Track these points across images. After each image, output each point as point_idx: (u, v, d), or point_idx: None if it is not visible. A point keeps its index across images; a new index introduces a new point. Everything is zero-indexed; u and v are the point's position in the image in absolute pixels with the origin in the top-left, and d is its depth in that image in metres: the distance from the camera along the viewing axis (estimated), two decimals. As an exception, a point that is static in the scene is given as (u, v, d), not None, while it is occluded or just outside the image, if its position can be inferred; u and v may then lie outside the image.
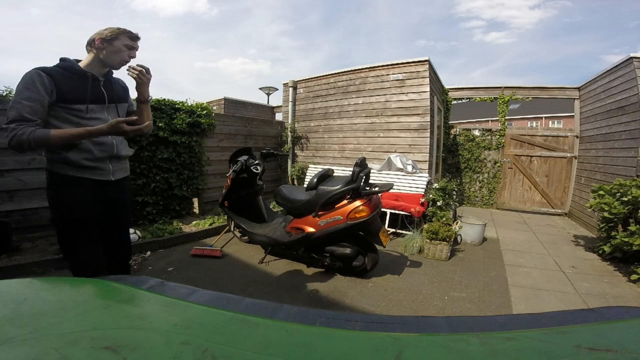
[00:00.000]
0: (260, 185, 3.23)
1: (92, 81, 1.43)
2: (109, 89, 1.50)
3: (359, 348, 0.42)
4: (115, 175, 1.50)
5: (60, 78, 1.35)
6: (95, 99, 1.43)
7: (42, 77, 1.30)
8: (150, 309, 0.56)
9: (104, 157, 1.44)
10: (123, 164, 1.56)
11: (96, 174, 1.44)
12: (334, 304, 2.28)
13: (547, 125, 21.39)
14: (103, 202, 1.48)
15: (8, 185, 3.02)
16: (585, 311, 0.56)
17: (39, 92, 1.29)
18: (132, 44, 1.46)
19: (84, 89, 1.40)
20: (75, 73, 1.40)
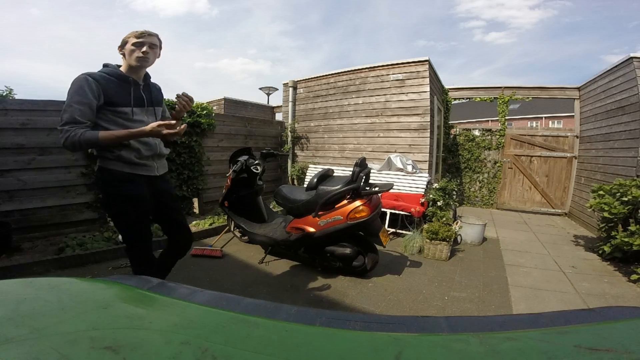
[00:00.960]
0: (260, 185, 3.23)
1: (133, 85, 1.57)
2: (148, 93, 1.65)
3: (359, 348, 0.42)
4: (159, 170, 1.70)
5: (105, 83, 1.49)
6: (137, 102, 1.58)
7: (89, 82, 1.44)
8: (150, 309, 0.56)
9: (150, 155, 1.61)
10: (163, 161, 1.76)
11: (145, 170, 1.62)
12: (334, 304, 2.28)
13: (547, 125, 21.39)
14: (152, 194, 1.66)
15: (8, 185, 3.02)
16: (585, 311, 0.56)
17: (88, 96, 1.42)
18: (140, 41, 1.54)
19: (128, 93, 1.54)
20: (118, 78, 1.54)
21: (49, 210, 3.27)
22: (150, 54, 1.57)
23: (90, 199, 3.51)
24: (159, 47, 1.62)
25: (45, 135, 3.20)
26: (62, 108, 1.42)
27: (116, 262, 2.89)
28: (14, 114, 3.04)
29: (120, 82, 1.53)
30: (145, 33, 1.55)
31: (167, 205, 1.78)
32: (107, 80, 1.49)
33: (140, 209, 1.61)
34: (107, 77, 1.50)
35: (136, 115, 1.57)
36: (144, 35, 1.54)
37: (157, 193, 1.70)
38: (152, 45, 1.57)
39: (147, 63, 1.58)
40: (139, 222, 1.63)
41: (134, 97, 1.56)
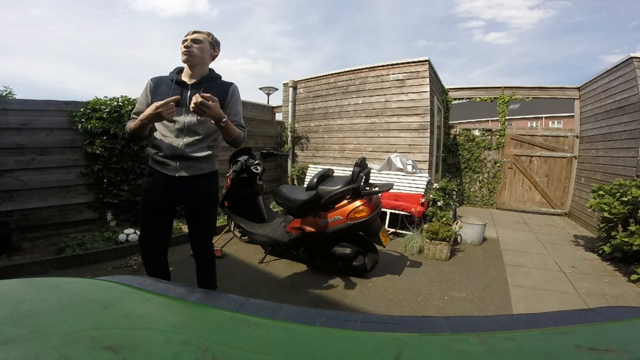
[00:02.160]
0: (260, 185, 3.22)
1: (175, 85, 1.64)
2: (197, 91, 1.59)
3: (359, 348, 0.42)
4: (181, 172, 1.65)
5: (158, 84, 1.66)
6: (180, 103, 1.58)
7: (147, 84, 1.68)
8: (150, 309, 0.56)
9: (171, 155, 1.63)
10: (192, 164, 1.66)
11: (164, 169, 1.65)
12: (334, 304, 2.28)
13: (547, 125, 21.39)
14: (168, 194, 1.68)
15: (8, 185, 3.02)
16: (585, 311, 0.56)
17: (143, 96, 1.67)
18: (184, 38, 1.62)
19: (168, 93, 1.62)
20: (169, 79, 1.66)
21: (49, 210, 3.27)
22: (194, 49, 1.59)
23: (90, 199, 3.51)
24: (209, 43, 1.65)
25: (45, 135, 3.20)
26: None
27: (116, 262, 2.89)
28: (14, 114, 3.04)
29: (171, 82, 1.65)
30: (190, 32, 1.62)
31: (187, 209, 1.77)
32: (161, 82, 1.66)
33: (148, 202, 1.71)
34: (163, 78, 1.67)
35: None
36: (189, 33, 1.62)
37: (177, 195, 1.69)
38: (196, 40, 1.60)
39: (192, 58, 1.60)
40: (145, 215, 1.74)
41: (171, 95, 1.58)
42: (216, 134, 1.71)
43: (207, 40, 1.64)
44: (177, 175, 1.65)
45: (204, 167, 1.70)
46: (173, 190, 1.67)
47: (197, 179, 1.69)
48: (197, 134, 1.63)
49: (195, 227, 1.81)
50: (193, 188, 1.69)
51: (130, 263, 2.87)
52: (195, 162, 1.67)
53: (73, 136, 3.36)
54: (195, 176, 1.68)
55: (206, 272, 1.91)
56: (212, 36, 1.68)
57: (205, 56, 1.65)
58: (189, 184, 1.67)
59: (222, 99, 1.65)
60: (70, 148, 3.36)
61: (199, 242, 1.85)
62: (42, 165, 3.20)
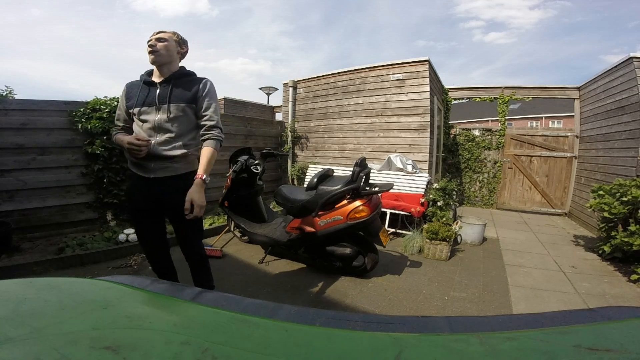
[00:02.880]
0: (260, 185, 3.23)
1: (144, 84, 1.65)
2: (165, 90, 1.61)
3: (359, 348, 0.42)
4: (157, 173, 1.63)
5: (131, 87, 1.68)
6: (148, 102, 1.61)
7: (123, 90, 1.71)
8: (150, 309, 0.56)
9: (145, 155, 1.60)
10: (167, 164, 1.63)
11: (139, 170, 1.66)
12: (334, 304, 2.28)
13: (547, 125, 21.39)
14: (147, 195, 1.67)
15: (8, 185, 3.02)
16: (585, 311, 0.56)
17: (121, 101, 1.71)
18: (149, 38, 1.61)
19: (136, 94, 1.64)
20: (141, 81, 1.67)
21: (49, 210, 3.27)
22: (160, 47, 1.57)
23: (90, 199, 3.51)
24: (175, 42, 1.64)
25: (45, 135, 3.20)
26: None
27: (116, 262, 2.89)
28: (14, 114, 3.04)
29: (142, 84, 1.66)
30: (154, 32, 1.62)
31: (169, 213, 1.74)
32: (133, 85, 1.69)
33: (133, 205, 1.75)
34: (135, 82, 1.70)
35: (143, 114, 1.61)
36: (153, 34, 1.62)
37: (156, 196, 1.65)
38: (160, 39, 1.59)
39: (159, 57, 1.58)
40: (133, 218, 1.82)
41: (140, 96, 1.62)
42: (193, 133, 1.67)
43: (173, 39, 1.62)
44: (152, 177, 1.62)
45: (179, 167, 1.65)
46: (149, 192, 1.65)
47: (173, 180, 1.63)
48: (170, 131, 1.60)
49: (180, 230, 1.77)
50: (171, 190, 1.63)
51: (130, 263, 2.87)
52: (169, 162, 1.62)
53: (73, 136, 3.35)
54: (171, 177, 1.63)
55: (201, 274, 1.90)
56: (178, 35, 1.66)
57: (172, 54, 1.63)
58: (165, 185, 1.63)
59: (193, 94, 1.62)
60: (70, 148, 3.36)
61: (188, 246, 1.83)
62: (42, 165, 3.20)
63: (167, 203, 1.67)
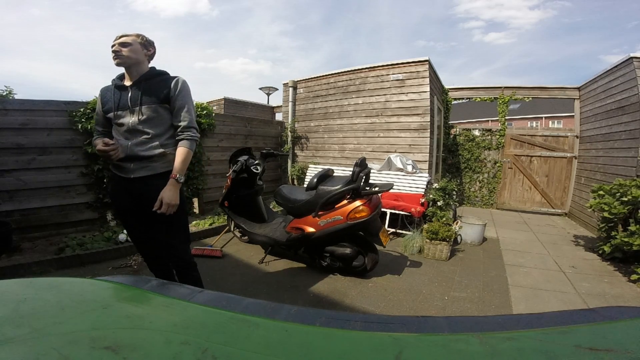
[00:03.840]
0: (260, 185, 3.23)
1: (115, 88, 1.66)
2: (136, 92, 1.62)
3: (359, 348, 0.42)
4: (136, 173, 1.64)
5: (105, 92, 1.69)
6: (121, 106, 1.62)
7: (98, 95, 1.71)
8: (150, 309, 0.56)
9: (123, 157, 1.62)
10: (146, 164, 1.63)
11: (119, 171, 1.67)
12: (334, 304, 2.28)
13: (547, 125, 21.38)
14: (131, 196, 1.69)
15: (8, 185, 3.02)
16: (585, 311, 0.56)
17: (97, 107, 1.72)
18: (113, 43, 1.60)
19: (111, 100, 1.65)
20: (114, 85, 1.67)
21: (49, 210, 3.27)
22: (123, 52, 1.56)
23: (90, 199, 3.51)
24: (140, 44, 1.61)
25: (45, 135, 3.20)
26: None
27: (116, 262, 2.88)
28: (14, 114, 3.04)
29: (114, 88, 1.66)
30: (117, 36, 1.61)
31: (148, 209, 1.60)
32: (106, 90, 1.69)
33: (117, 206, 1.79)
34: (108, 86, 1.69)
35: (120, 118, 1.62)
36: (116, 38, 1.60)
37: (138, 196, 1.65)
38: (123, 43, 1.57)
39: (123, 60, 1.57)
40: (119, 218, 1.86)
41: (115, 100, 1.63)
42: (170, 132, 1.66)
43: (137, 42, 1.61)
44: (132, 177, 1.63)
45: (157, 166, 1.64)
46: (130, 192, 1.67)
47: (153, 179, 1.62)
48: (145, 133, 1.60)
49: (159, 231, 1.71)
50: (151, 189, 1.60)
51: (130, 263, 2.87)
52: (148, 161, 1.62)
53: (73, 136, 3.36)
54: (151, 176, 1.62)
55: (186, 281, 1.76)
56: (143, 37, 1.64)
57: (139, 57, 1.61)
58: (145, 184, 1.62)
59: (165, 94, 1.61)
60: (70, 148, 3.36)
61: (170, 249, 1.73)
62: (42, 165, 3.20)
63: (148, 202, 1.61)
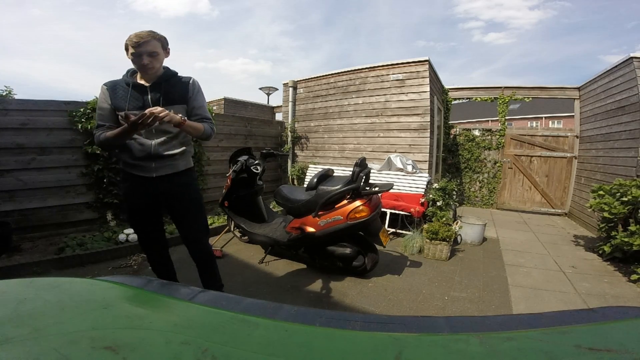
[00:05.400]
0: (260, 185, 3.23)
1: (132, 89, 1.59)
2: (156, 94, 1.58)
3: (359, 348, 0.42)
4: (158, 172, 1.65)
5: (114, 88, 1.60)
6: (135, 106, 1.57)
7: (102, 90, 1.61)
8: (150, 309, 0.56)
9: (144, 156, 1.61)
10: (168, 162, 1.67)
11: (139, 171, 1.64)
12: (334, 304, 2.28)
13: (547, 125, 21.38)
14: (149, 195, 1.68)
15: (8, 185, 3.02)
16: (585, 311, 0.56)
17: (102, 102, 1.61)
18: (136, 50, 1.50)
19: (126, 97, 1.59)
20: (125, 82, 1.61)
21: (49, 210, 3.27)
22: (153, 62, 1.53)
23: (90, 199, 3.51)
24: (162, 48, 1.57)
25: (45, 135, 3.20)
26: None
27: (116, 262, 2.89)
28: (14, 114, 3.04)
29: (125, 86, 1.60)
30: (141, 41, 1.47)
31: (172, 210, 1.76)
32: (116, 86, 1.60)
33: (131, 207, 1.75)
34: (119, 82, 1.62)
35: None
36: (140, 44, 1.47)
37: (158, 195, 1.69)
38: (152, 53, 1.51)
39: (151, 71, 1.56)
40: (132, 220, 1.79)
41: (132, 100, 1.58)
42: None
43: (160, 47, 1.55)
44: (155, 176, 1.64)
45: (179, 164, 1.71)
46: (153, 191, 1.67)
47: (175, 177, 1.69)
48: (168, 132, 1.63)
49: (184, 226, 1.78)
50: (174, 185, 1.69)
51: (130, 263, 2.87)
52: (171, 160, 1.67)
53: (73, 136, 3.35)
54: (174, 174, 1.69)
55: (208, 274, 1.89)
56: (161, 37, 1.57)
57: (162, 62, 1.61)
58: (169, 182, 1.68)
59: (183, 95, 1.65)
60: (70, 148, 3.36)
61: (193, 243, 1.82)
62: (42, 165, 3.20)
63: (170, 199, 1.72)
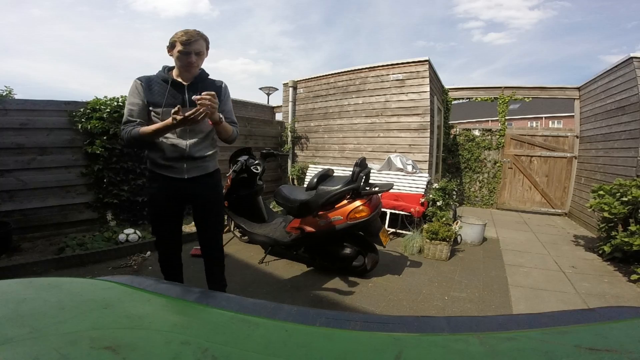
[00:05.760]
0: (260, 185, 3.22)
1: (171, 86, 1.58)
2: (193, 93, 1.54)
3: (359, 348, 0.42)
4: (190, 173, 1.65)
5: (150, 84, 1.57)
6: (173, 103, 1.52)
7: (135, 85, 1.57)
8: (150, 309, 0.56)
9: (176, 157, 1.60)
10: (199, 163, 1.67)
11: (170, 172, 1.62)
12: (334, 304, 2.28)
13: (547, 125, 21.38)
14: (178, 197, 1.68)
15: (8, 185, 3.02)
16: (585, 311, 0.56)
17: (136, 96, 1.56)
18: (186, 49, 1.51)
19: (163, 94, 1.56)
20: (162, 79, 1.59)
21: (49, 210, 3.27)
22: (198, 61, 1.56)
23: (90, 199, 3.51)
24: (206, 48, 1.59)
25: (45, 135, 3.20)
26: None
27: (116, 262, 2.89)
28: (14, 114, 3.04)
29: (163, 82, 1.58)
30: (192, 39, 1.50)
31: (197, 210, 1.78)
32: (152, 82, 1.58)
33: (157, 208, 1.72)
34: (153, 78, 1.60)
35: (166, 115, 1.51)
36: (191, 42, 1.50)
37: (186, 196, 1.70)
38: (198, 52, 1.53)
39: (195, 70, 1.59)
40: (156, 220, 1.76)
41: (170, 97, 1.56)
42: (214, 132, 1.71)
43: (205, 47, 1.59)
44: (186, 177, 1.64)
45: (209, 165, 1.73)
46: (182, 192, 1.67)
47: (205, 178, 1.71)
48: (201, 132, 1.64)
49: (206, 226, 1.82)
50: (203, 187, 1.71)
51: (130, 263, 2.87)
52: (202, 161, 1.68)
53: (73, 136, 3.36)
54: (204, 175, 1.70)
55: (216, 272, 1.91)
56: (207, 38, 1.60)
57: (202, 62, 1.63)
58: (198, 183, 1.69)
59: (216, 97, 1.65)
60: (70, 148, 3.36)
61: (211, 242, 1.85)
62: (42, 165, 3.20)
63: (198, 200, 1.74)
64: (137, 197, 3.71)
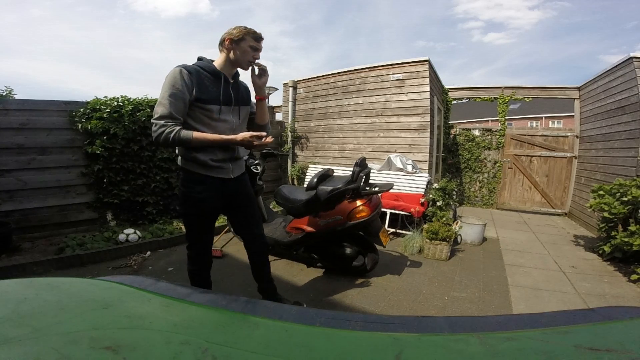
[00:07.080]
0: (260, 185, 3.22)
1: (224, 82, 1.50)
2: (236, 91, 1.58)
3: (359, 348, 0.42)
4: (235, 173, 1.66)
5: (199, 77, 1.43)
6: (225, 101, 1.50)
7: (183, 75, 1.38)
8: (150, 309, 0.56)
9: (226, 158, 1.58)
10: (240, 163, 1.72)
11: (219, 173, 1.57)
12: (334, 304, 2.28)
13: (547, 125, 21.38)
14: (224, 196, 1.65)
15: (8, 185, 3.03)
16: (585, 311, 0.56)
17: (182, 90, 1.37)
18: (257, 45, 1.51)
19: (218, 90, 1.47)
20: (211, 73, 1.47)
21: (49, 210, 3.28)
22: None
23: (90, 199, 3.51)
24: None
25: (45, 135, 3.20)
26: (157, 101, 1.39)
27: (116, 262, 2.89)
28: (14, 114, 3.04)
29: (213, 77, 1.48)
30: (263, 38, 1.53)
31: (239, 206, 1.78)
32: (200, 74, 1.44)
33: (207, 211, 1.61)
34: (201, 70, 1.46)
35: (222, 114, 1.50)
36: (262, 39, 1.53)
37: (231, 195, 1.70)
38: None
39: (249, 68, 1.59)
40: (201, 224, 1.64)
41: (224, 94, 1.49)
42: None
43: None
44: (232, 177, 1.65)
45: (243, 164, 1.79)
46: (229, 192, 1.67)
47: (244, 176, 1.77)
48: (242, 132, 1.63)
49: (252, 222, 1.82)
50: (245, 185, 1.76)
51: (130, 263, 2.87)
52: (241, 161, 1.73)
53: (73, 136, 3.36)
54: (243, 173, 1.76)
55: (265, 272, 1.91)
56: None
57: None
58: (240, 182, 1.73)
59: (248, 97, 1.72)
60: (70, 148, 3.36)
61: (259, 237, 1.85)
62: (42, 165, 3.20)
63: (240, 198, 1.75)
64: (137, 197, 3.71)
